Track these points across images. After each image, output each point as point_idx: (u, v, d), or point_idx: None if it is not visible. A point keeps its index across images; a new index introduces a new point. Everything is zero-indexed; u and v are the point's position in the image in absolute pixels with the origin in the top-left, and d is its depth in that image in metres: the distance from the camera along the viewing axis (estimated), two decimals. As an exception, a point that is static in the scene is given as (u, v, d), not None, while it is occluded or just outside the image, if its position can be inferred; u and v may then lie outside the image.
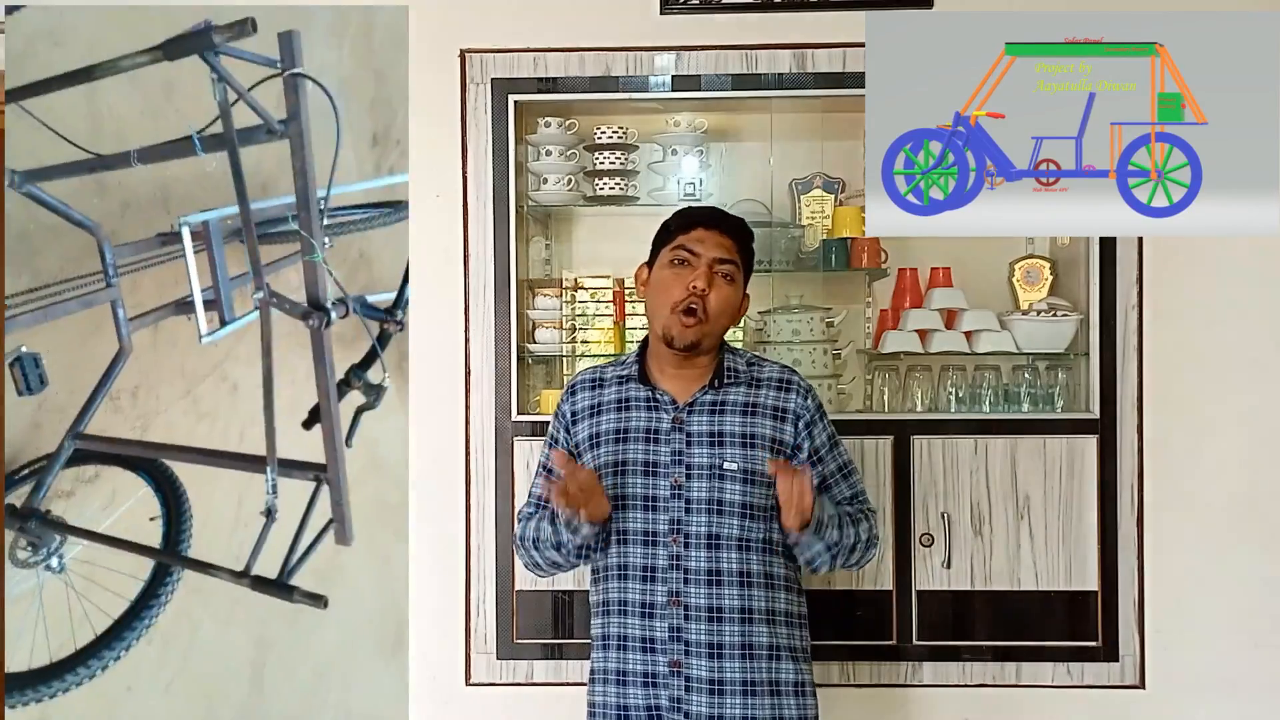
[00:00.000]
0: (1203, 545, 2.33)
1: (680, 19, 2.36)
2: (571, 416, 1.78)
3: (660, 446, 1.68)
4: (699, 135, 2.55)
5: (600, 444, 1.72)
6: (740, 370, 1.74)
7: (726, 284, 1.68)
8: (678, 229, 1.71)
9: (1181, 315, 2.32)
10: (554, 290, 2.53)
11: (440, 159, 2.37)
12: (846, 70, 2.31)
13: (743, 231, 1.74)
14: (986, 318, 2.41)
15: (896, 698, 2.34)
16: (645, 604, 1.66)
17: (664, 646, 1.64)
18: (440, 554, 2.38)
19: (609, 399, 1.75)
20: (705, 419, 1.69)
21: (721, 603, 1.64)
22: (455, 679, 2.38)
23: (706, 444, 1.67)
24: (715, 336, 1.70)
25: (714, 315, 1.66)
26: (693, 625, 1.64)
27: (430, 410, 2.40)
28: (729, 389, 1.71)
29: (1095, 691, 2.32)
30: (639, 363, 1.75)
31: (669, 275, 1.68)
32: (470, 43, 2.36)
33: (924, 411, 2.44)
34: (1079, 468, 2.30)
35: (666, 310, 1.67)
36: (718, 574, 1.64)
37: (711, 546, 1.65)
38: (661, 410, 1.70)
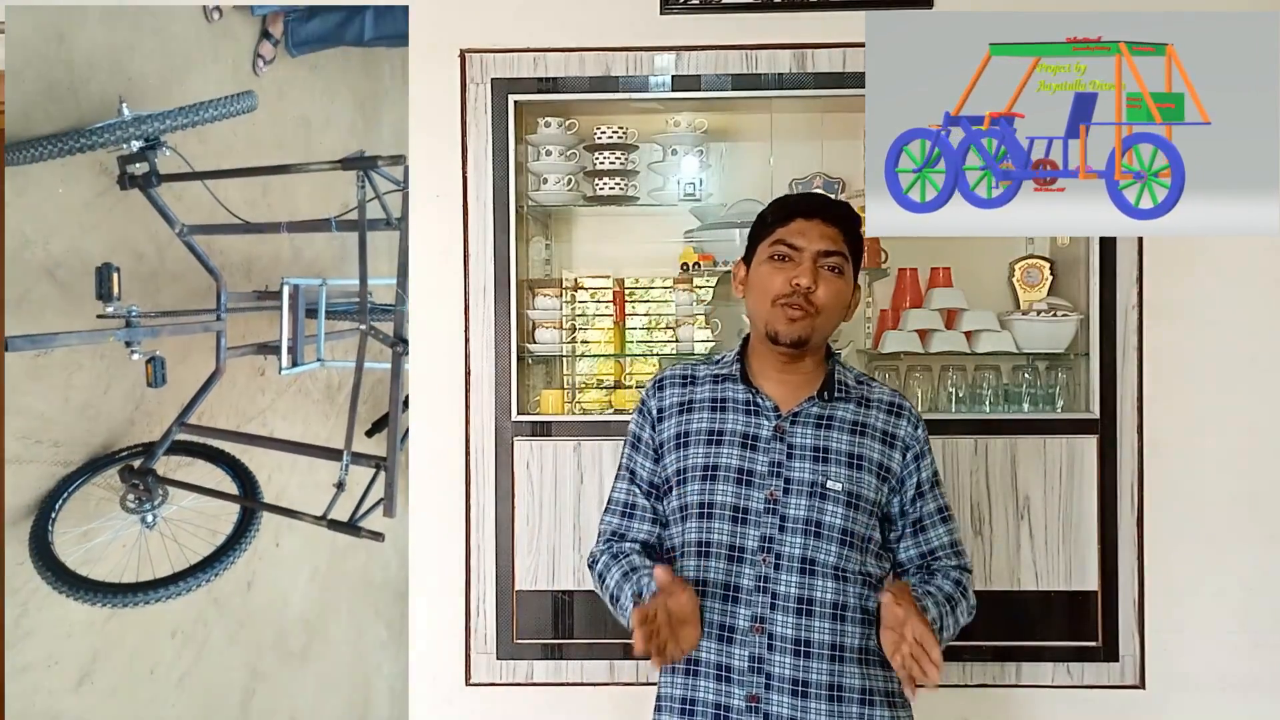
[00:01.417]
0: (1203, 546, 2.33)
1: (680, 19, 2.36)
2: (658, 413, 1.61)
3: (758, 454, 1.53)
4: (699, 135, 2.55)
5: (689, 444, 1.56)
6: (850, 386, 1.60)
7: (835, 277, 1.53)
8: (775, 221, 1.56)
9: (1181, 315, 2.32)
10: (554, 290, 2.53)
11: (440, 159, 2.37)
12: (846, 70, 2.31)
13: (849, 218, 1.58)
14: (986, 318, 2.41)
15: (896, 698, 2.34)
16: (724, 627, 1.49)
17: (741, 678, 1.47)
18: (440, 554, 2.38)
19: (702, 397, 1.60)
20: (810, 431, 1.54)
21: (810, 635, 1.47)
22: (455, 679, 2.38)
23: (810, 459, 1.52)
24: (825, 333, 1.56)
25: (824, 311, 1.52)
26: (776, 657, 1.47)
27: (430, 410, 2.40)
28: (838, 404, 1.57)
29: (1095, 691, 2.32)
30: (739, 362, 1.60)
31: (769, 271, 1.54)
32: (470, 43, 2.37)
33: (924, 412, 2.43)
34: (1079, 468, 2.30)
35: (768, 305, 1.53)
36: (809, 602, 1.48)
37: (805, 571, 1.49)
38: (762, 416, 1.56)
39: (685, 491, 1.55)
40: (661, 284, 2.53)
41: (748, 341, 1.64)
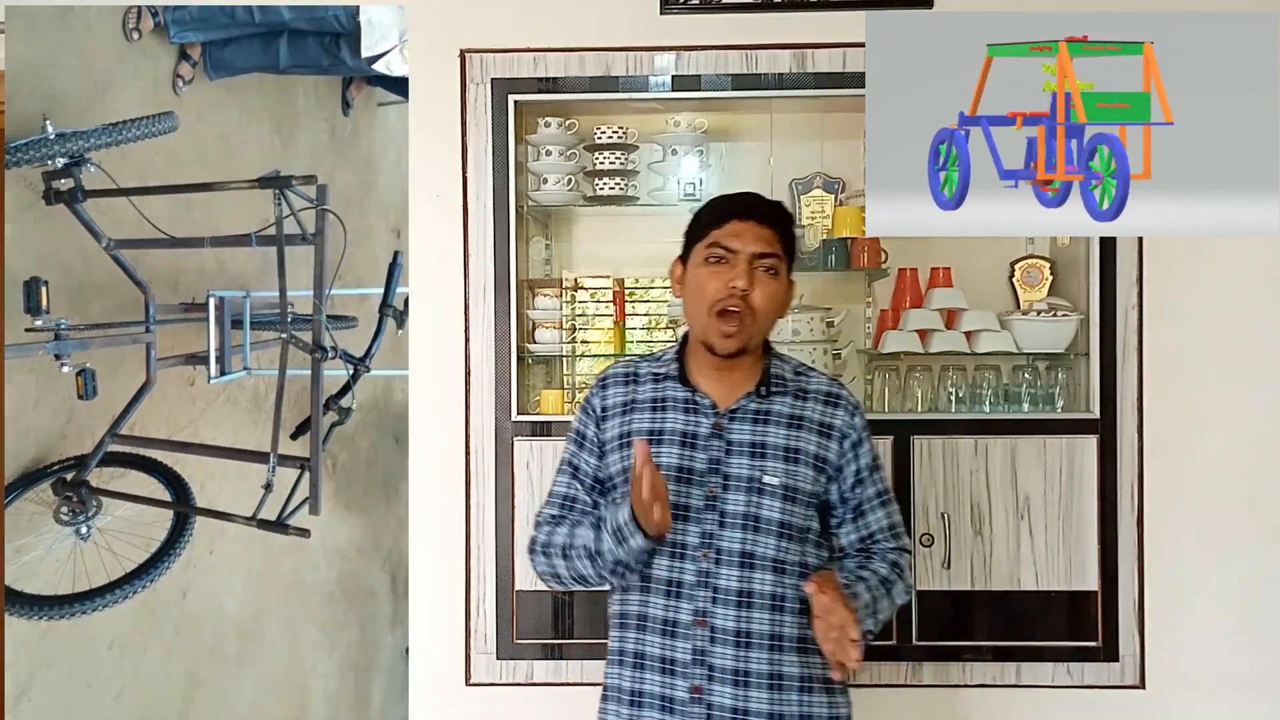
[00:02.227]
0: (1203, 545, 2.33)
1: (680, 19, 2.36)
2: (602, 411, 1.65)
3: (697, 453, 1.57)
4: (699, 135, 2.55)
5: (631, 444, 1.57)
6: (787, 379, 1.63)
7: (770, 279, 1.56)
8: (710, 223, 1.58)
9: (1181, 315, 2.32)
10: (554, 290, 2.53)
11: (440, 159, 2.37)
12: (846, 70, 2.31)
13: (783, 219, 1.60)
14: (986, 318, 2.41)
15: (896, 698, 2.34)
16: (668, 621, 1.54)
17: (685, 670, 1.52)
18: (440, 554, 2.38)
19: (643, 397, 1.63)
20: (748, 427, 1.58)
21: (750, 626, 1.52)
22: (455, 679, 2.38)
23: (747, 454, 1.56)
24: (761, 336, 1.60)
25: (760, 314, 1.55)
26: (718, 649, 1.51)
27: (430, 410, 2.40)
28: (775, 398, 1.60)
29: (1095, 691, 2.32)
30: (678, 360, 1.63)
31: (706, 274, 1.56)
32: (470, 43, 2.36)
33: (924, 411, 2.44)
34: (1079, 468, 2.30)
35: (705, 312, 1.55)
36: (749, 595, 1.52)
37: (745, 565, 1.53)
38: (701, 414, 1.59)
39: (628, 491, 1.55)
40: (661, 284, 2.53)
41: (686, 339, 1.66)
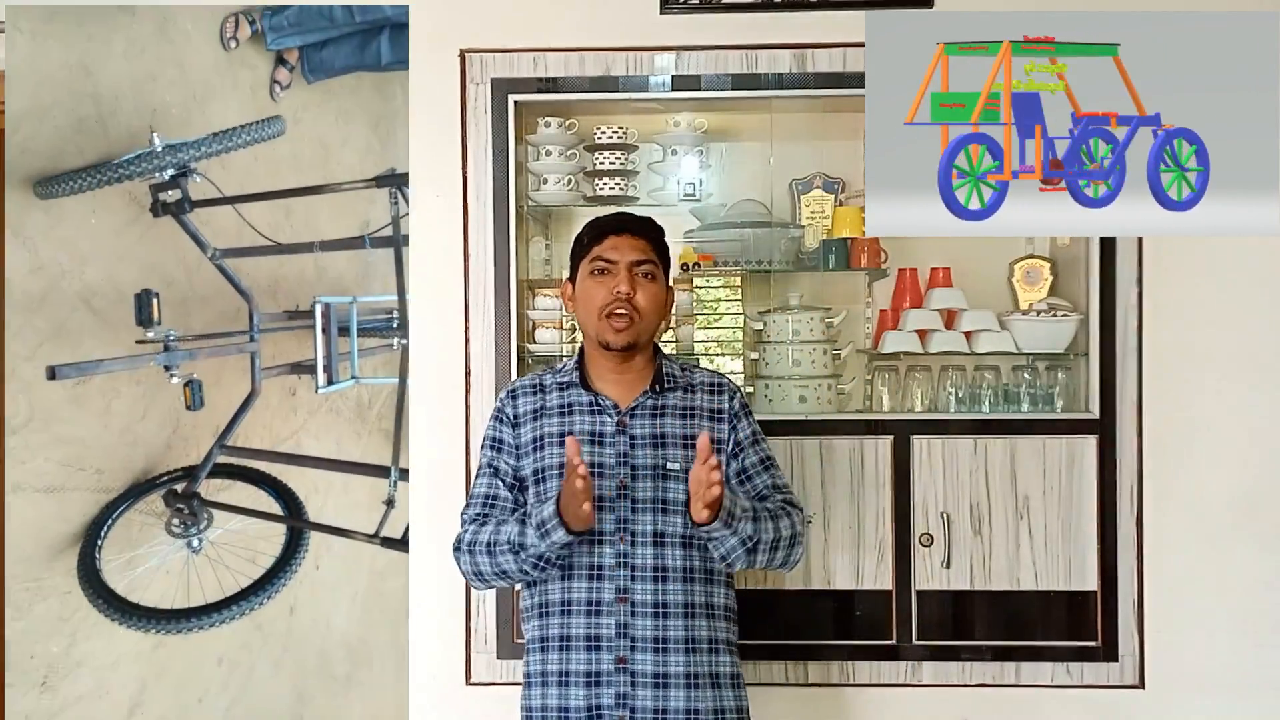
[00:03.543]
0: (1203, 545, 2.33)
1: (680, 19, 2.36)
2: (515, 418, 1.80)
3: (605, 449, 1.73)
4: (699, 135, 2.55)
5: (544, 446, 1.75)
6: (677, 375, 1.81)
7: (649, 282, 1.74)
8: (591, 241, 1.76)
9: (1181, 315, 2.32)
10: (554, 290, 2.53)
11: (440, 159, 2.37)
12: (846, 70, 2.31)
13: (653, 230, 1.79)
14: (986, 318, 2.41)
15: (896, 698, 2.34)
16: (591, 602, 1.69)
17: (610, 644, 1.68)
18: (440, 554, 2.38)
19: (551, 404, 1.78)
20: (648, 422, 1.75)
21: (667, 598, 1.68)
22: (455, 679, 2.38)
23: (650, 446, 1.73)
24: (650, 334, 1.76)
25: (645, 314, 1.72)
26: (639, 621, 1.67)
27: (430, 410, 2.40)
28: (668, 394, 1.77)
29: (1095, 691, 2.32)
30: (579, 369, 1.79)
31: (593, 285, 1.73)
32: (470, 43, 2.37)
33: (924, 411, 2.44)
34: (1079, 468, 2.30)
35: (597, 317, 1.72)
36: (663, 570, 1.69)
37: (657, 544, 1.69)
38: (604, 414, 1.75)
39: (545, 490, 1.72)
40: (661, 284, 2.52)
41: (584, 351, 1.81)
